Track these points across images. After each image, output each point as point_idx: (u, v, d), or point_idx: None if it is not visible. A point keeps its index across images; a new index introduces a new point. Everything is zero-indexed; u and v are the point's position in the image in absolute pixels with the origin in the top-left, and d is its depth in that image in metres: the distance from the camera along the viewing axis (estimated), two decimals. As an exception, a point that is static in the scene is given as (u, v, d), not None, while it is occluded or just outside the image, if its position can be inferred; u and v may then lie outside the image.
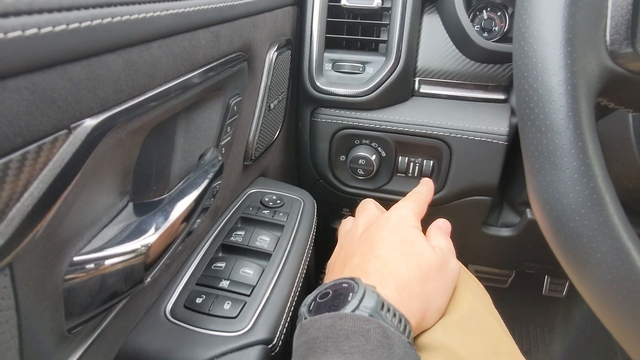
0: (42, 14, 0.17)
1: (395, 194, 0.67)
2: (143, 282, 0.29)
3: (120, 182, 0.28)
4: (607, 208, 0.24)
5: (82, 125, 0.21)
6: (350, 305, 0.28)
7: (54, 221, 0.21)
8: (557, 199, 0.24)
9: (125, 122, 0.25)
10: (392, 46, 0.58)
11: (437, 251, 0.36)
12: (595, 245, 0.24)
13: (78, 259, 0.24)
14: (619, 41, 0.24)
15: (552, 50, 0.23)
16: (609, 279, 0.24)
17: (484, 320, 0.36)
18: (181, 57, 0.30)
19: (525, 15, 0.25)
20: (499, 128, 0.57)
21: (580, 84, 0.23)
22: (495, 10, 0.61)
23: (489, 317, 0.36)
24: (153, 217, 0.29)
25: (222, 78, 0.38)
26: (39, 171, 0.19)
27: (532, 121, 0.25)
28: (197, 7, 0.30)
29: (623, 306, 0.25)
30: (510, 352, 0.34)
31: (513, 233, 0.68)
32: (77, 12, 0.19)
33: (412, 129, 0.60)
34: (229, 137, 0.44)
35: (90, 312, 0.26)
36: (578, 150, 0.23)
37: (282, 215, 0.51)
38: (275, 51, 0.50)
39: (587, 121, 0.24)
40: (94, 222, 0.26)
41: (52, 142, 0.20)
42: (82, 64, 0.20)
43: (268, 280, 0.42)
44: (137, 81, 0.25)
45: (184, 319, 0.37)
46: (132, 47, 0.24)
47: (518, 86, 0.26)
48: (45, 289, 0.22)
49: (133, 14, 0.23)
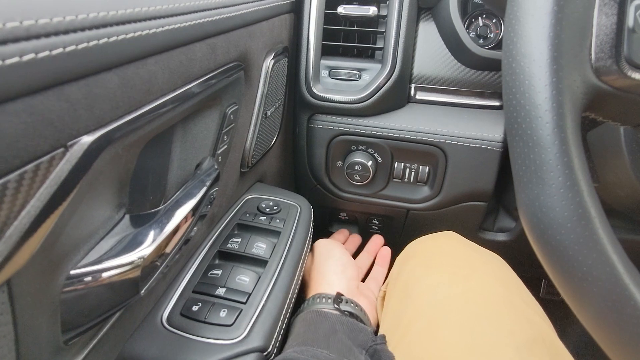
0: (39, 39, 0.18)
1: (391, 199, 0.67)
2: (139, 294, 0.29)
3: (117, 195, 0.28)
4: (593, 222, 0.24)
5: (78, 143, 0.22)
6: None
7: (51, 237, 0.22)
8: (543, 213, 0.25)
9: (121, 137, 0.25)
10: (388, 53, 0.58)
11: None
12: (581, 259, 0.24)
13: (75, 273, 0.25)
14: (604, 59, 0.25)
15: (538, 67, 0.24)
16: (595, 292, 0.25)
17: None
18: (177, 71, 0.30)
19: (513, 33, 0.25)
20: (494, 135, 0.58)
21: (565, 101, 0.24)
22: (490, 17, 0.61)
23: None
24: (149, 229, 0.30)
25: (219, 88, 0.39)
26: (36, 190, 0.20)
27: (519, 136, 0.26)
28: (193, 21, 0.31)
29: (609, 317, 0.25)
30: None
31: (509, 238, 0.69)
32: (73, 35, 0.20)
33: (408, 135, 0.61)
34: (226, 146, 0.45)
35: (86, 324, 0.27)
36: (564, 165, 0.24)
37: (279, 222, 0.52)
38: (272, 59, 0.51)
39: (573, 137, 0.24)
40: (90, 236, 0.26)
41: (49, 160, 0.20)
42: (79, 84, 0.21)
43: (264, 287, 0.42)
44: (133, 97, 0.25)
45: (181, 326, 0.38)
46: (128, 65, 0.24)
47: (506, 102, 0.26)
48: (42, 303, 0.23)
49: (129, 32, 0.23)
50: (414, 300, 0.45)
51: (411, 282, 0.48)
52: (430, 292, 0.45)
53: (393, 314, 0.47)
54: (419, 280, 0.47)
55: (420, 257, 0.53)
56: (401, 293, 0.48)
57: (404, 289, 0.48)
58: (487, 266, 0.48)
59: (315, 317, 0.45)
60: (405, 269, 0.52)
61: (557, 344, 0.39)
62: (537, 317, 0.41)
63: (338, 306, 0.47)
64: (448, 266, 0.48)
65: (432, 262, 0.50)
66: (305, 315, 0.46)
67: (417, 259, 0.52)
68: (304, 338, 0.41)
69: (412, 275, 0.49)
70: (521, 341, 0.37)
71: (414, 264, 0.51)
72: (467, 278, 0.45)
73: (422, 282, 0.47)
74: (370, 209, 0.73)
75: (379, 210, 0.73)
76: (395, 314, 0.46)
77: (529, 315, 0.41)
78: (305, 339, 0.41)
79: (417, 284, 0.47)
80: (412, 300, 0.45)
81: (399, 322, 0.44)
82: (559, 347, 0.39)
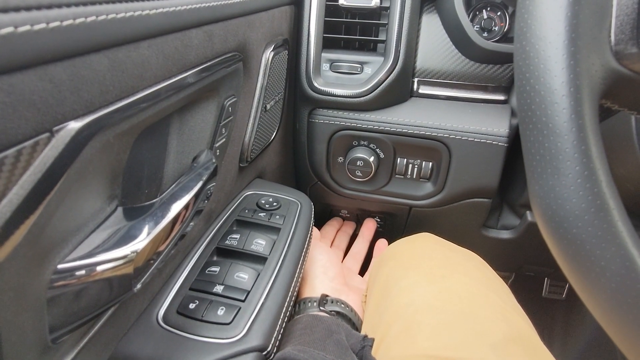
0: (19, 12, 0.16)
1: (394, 195, 0.66)
2: (132, 290, 0.28)
3: (109, 186, 0.27)
4: (612, 214, 0.23)
5: (65, 128, 0.20)
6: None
7: (35, 228, 0.20)
8: (559, 205, 0.24)
9: (113, 125, 0.24)
10: (391, 46, 0.57)
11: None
12: (599, 252, 0.23)
13: (62, 267, 0.23)
14: (624, 41, 0.23)
15: (554, 50, 0.23)
16: (613, 287, 0.23)
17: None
18: (172, 57, 0.29)
19: (527, 14, 0.24)
20: (499, 129, 0.57)
21: (583, 85, 0.22)
22: (495, 9, 0.60)
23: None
24: (143, 222, 0.28)
25: (217, 78, 0.37)
26: (19, 176, 0.18)
27: (533, 124, 0.24)
28: (189, 5, 0.29)
29: (628, 315, 0.24)
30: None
31: (513, 235, 0.67)
32: (58, 10, 0.18)
33: (411, 130, 0.59)
34: (224, 139, 0.43)
35: (76, 322, 0.25)
36: (581, 154, 0.22)
37: (279, 218, 0.50)
38: (271, 51, 0.50)
39: (590, 124, 0.23)
40: (79, 229, 0.25)
41: (33, 146, 0.19)
42: (63, 65, 0.19)
43: (263, 285, 0.41)
44: (125, 82, 0.24)
45: (177, 325, 0.36)
46: (118, 47, 0.23)
47: (519, 87, 0.25)
48: (27, 299, 0.21)
49: (120, 12, 0.22)
50: (392, 301, 0.45)
51: (390, 284, 0.48)
52: (407, 292, 0.45)
53: (372, 316, 0.47)
54: (397, 282, 0.48)
55: (398, 258, 0.53)
56: (380, 295, 0.48)
57: (383, 291, 0.48)
58: (464, 265, 0.49)
59: (311, 321, 0.45)
60: (384, 271, 0.52)
61: (535, 342, 0.39)
62: (514, 315, 0.41)
63: (324, 308, 0.48)
64: (425, 267, 0.49)
65: (410, 263, 0.50)
66: (301, 318, 0.46)
67: (395, 261, 0.53)
68: (300, 341, 0.41)
69: (391, 277, 0.50)
70: (497, 340, 0.37)
71: (391, 265, 0.52)
72: (444, 278, 0.46)
73: (400, 283, 0.47)
74: (372, 205, 0.72)
75: (381, 207, 0.72)
76: (375, 316, 0.46)
77: (506, 313, 0.41)
78: (302, 342, 0.41)
79: (395, 285, 0.47)
80: (391, 302, 0.45)
81: (378, 324, 0.44)
82: (537, 344, 0.39)
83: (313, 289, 0.52)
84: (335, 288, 0.53)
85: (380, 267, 0.54)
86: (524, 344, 0.38)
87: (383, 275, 0.51)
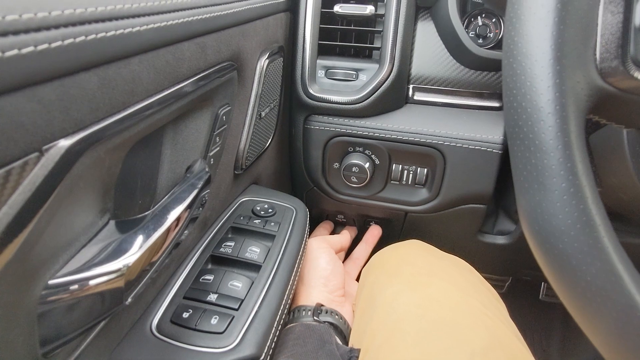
0: (6, 37, 0.17)
1: (389, 201, 0.66)
2: (123, 303, 0.28)
3: (100, 200, 0.27)
4: (597, 230, 0.23)
5: (55, 147, 0.21)
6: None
7: (25, 246, 0.20)
8: (546, 220, 0.24)
9: (103, 140, 0.24)
10: (386, 53, 0.57)
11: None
12: (585, 268, 0.23)
13: (53, 282, 0.23)
14: (609, 59, 0.24)
15: (540, 68, 0.23)
16: (599, 302, 0.24)
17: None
18: (164, 71, 0.29)
19: (513, 31, 0.24)
20: (494, 136, 0.57)
21: (569, 103, 0.23)
22: (490, 16, 0.60)
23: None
24: (134, 235, 0.28)
25: (210, 88, 0.37)
26: (7, 197, 0.19)
27: (520, 140, 0.24)
28: (180, 19, 0.29)
29: (613, 329, 0.24)
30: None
31: (509, 241, 0.68)
32: (46, 33, 0.18)
33: (406, 136, 0.59)
34: (218, 148, 0.43)
35: (67, 336, 0.25)
36: (567, 171, 0.23)
37: (274, 225, 0.51)
38: (266, 59, 0.50)
39: (576, 141, 0.23)
40: (71, 244, 0.25)
41: (22, 166, 0.19)
42: (53, 85, 0.20)
43: (257, 293, 0.41)
44: (115, 98, 0.24)
45: (170, 334, 0.37)
46: (108, 64, 0.23)
47: (507, 103, 0.25)
48: (17, 315, 0.22)
49: (109, 30, 0.22)
50: (376, 310, 0.45)
51: (374, 293, 0.48)
52: (390, 301, 0.45)
53: (359, 325, 0.47)
54: (381, 290, 0.48)
55: (383, 267, 0.53)
56: (365, 304, 0.49)
57: (368, 300, 0.49)
58: (447, 271, 0.49)
59: (304, 331, 0.45)
60: (369, 279, 0.52)
61: (515, 347, 0.39)
62: (495, 321, 0.41)
63: (317, 317, 0.48)
64: (407, 274, 0.49)
65: (394, 270, 0.51)
66: (293, 328, 0.46)
67: (380, 269, 0.53)
68: (293, 352, 0.41)
69: (375, 285, 0.50)
70: (477, 347, 0.37)
71: (377, 273, 0.52)
72: (426, 285, 0.46)
73: (384, 292, 0.47)
74: (368, 211, 0.72)
75: (376, 213, 0.72)
76: (361, 325, 0.46)
77: (487, 320, 0.41)
78: (294, 353, 0.41)
79: (379, 294, 0.47)
80: (375, 311, 0.45)
81: (364, 334, 0.44)
82: (517, 350, 0.39)
83: (309, 297, 0.52)
84: (332, 299, 0.52)
85: (367, 276, 0.54)
86: (504, 351, 0.38)
87: (369, 284, 0.51)
